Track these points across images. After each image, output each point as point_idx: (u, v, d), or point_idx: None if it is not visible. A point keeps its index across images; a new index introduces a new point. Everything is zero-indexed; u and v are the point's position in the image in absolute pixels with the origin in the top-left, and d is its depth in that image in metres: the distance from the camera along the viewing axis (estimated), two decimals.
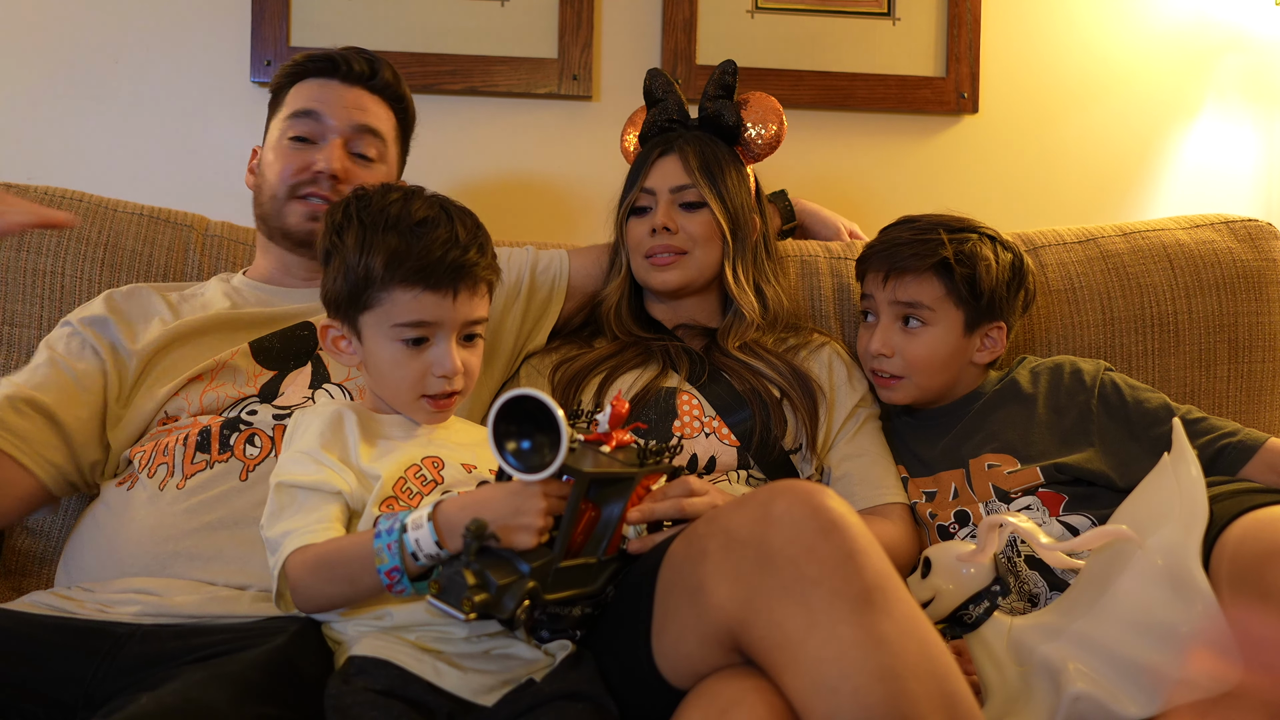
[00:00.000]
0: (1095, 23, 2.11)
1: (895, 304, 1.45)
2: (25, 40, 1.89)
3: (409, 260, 1.13)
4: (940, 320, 1.45)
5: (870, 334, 1.48)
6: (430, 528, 1.00)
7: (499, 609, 0.95)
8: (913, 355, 1.45)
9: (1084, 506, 1.37)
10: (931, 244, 1.43)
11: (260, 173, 1.47)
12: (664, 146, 1.53)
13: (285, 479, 1.12)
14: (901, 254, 1.44)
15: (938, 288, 1.44)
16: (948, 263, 1.42)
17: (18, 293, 1.53)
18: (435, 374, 1.17)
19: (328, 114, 1.43)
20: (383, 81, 1.48)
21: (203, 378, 1.35)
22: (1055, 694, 1.06)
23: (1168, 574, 1.05)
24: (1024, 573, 1.33)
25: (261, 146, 1.49)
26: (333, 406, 1.19)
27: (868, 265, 1.50)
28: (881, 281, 1.46)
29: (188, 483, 1.25)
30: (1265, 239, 1.77)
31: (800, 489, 0.97)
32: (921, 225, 1.47)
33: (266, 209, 1.45)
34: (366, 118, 1.45)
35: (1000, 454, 1.43)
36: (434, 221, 1.16)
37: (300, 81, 1.46)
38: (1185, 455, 1.13)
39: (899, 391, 1.47)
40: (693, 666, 1.00)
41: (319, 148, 1.42)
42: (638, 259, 1.53)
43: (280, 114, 1.46)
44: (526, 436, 0.98)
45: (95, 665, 1.07)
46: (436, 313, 1.15)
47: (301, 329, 1.40)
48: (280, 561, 1.07)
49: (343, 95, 1.44)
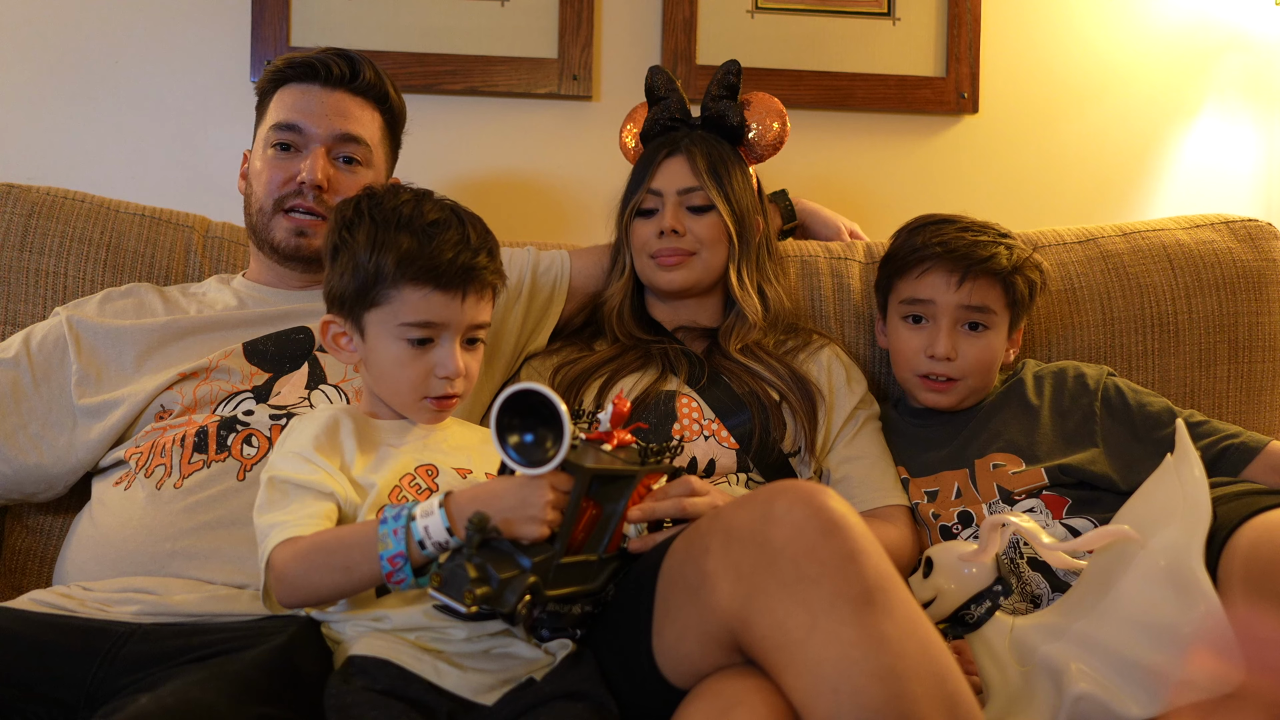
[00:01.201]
0: (1095, 23, 2.11)
1: (965, 307, 1.44)
2: (25, 40, 1.89)
3: (421, 260, 1.13)
4: (998, 324, 1.46)
5: (923, 337, 1.47)
6: (442, 514, 1.00)
7: (500, 603, 0.95)
8: (975, 358, 1.45)
9: (1087, 510, 1.37)
10: (1000, 248, 1.44)
11: (249, 181, 1.47)
12: (670, 147, 1.52)
13: (277, 474, 1.12)
14: (978, 255, 1.43)
15: (1001, 293, 1.45)
16: (1019, 267, 1.45)
17: (20, 293, 1.53)
18: (438, 375, 1.17)
19: (309, 123, 1.42)
20: (365, 83, 1.46)
21: (196, 375, 1.35)
22: (1057, 694, 1.06)
23: (1170, 575, 1.05)
24: (1026, 574, 1.33)
25: (250, 152, 1.49)
26: (329, 411, 1.19)
27: (928, 263, 1.45)
28: (955, 284, 1.44)
29: (185, 482, 1.25)
30: (1265, 239, 1.77)
31: (801, 489, 0.97)
32: (974, 227, 1.47)
33: (255, 220, 1.45)
34: (348, 124, 1.44)
35: (1006, 453, 1.43)
36: (445, 223, 1.17)
37: (282, 87, 1.45)
38: (1188, 456, 1.13)
39: (952, 395, 1.47)
40: (693, 666, 1.00)
41: (303, 156, 1.42)
42: (643, 259, 1.53)
43: (265, 122, 1.46)
44: (529, 430, 0.98)
45: (96, 665, 1.07)
46: (444, 314, 1.15)
47: (297, 333, 1.41)
48: (266, 551, 1.06)
49: (324, 101, 1.43)
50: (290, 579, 1.05)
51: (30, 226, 1.55)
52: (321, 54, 1.45)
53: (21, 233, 1.54)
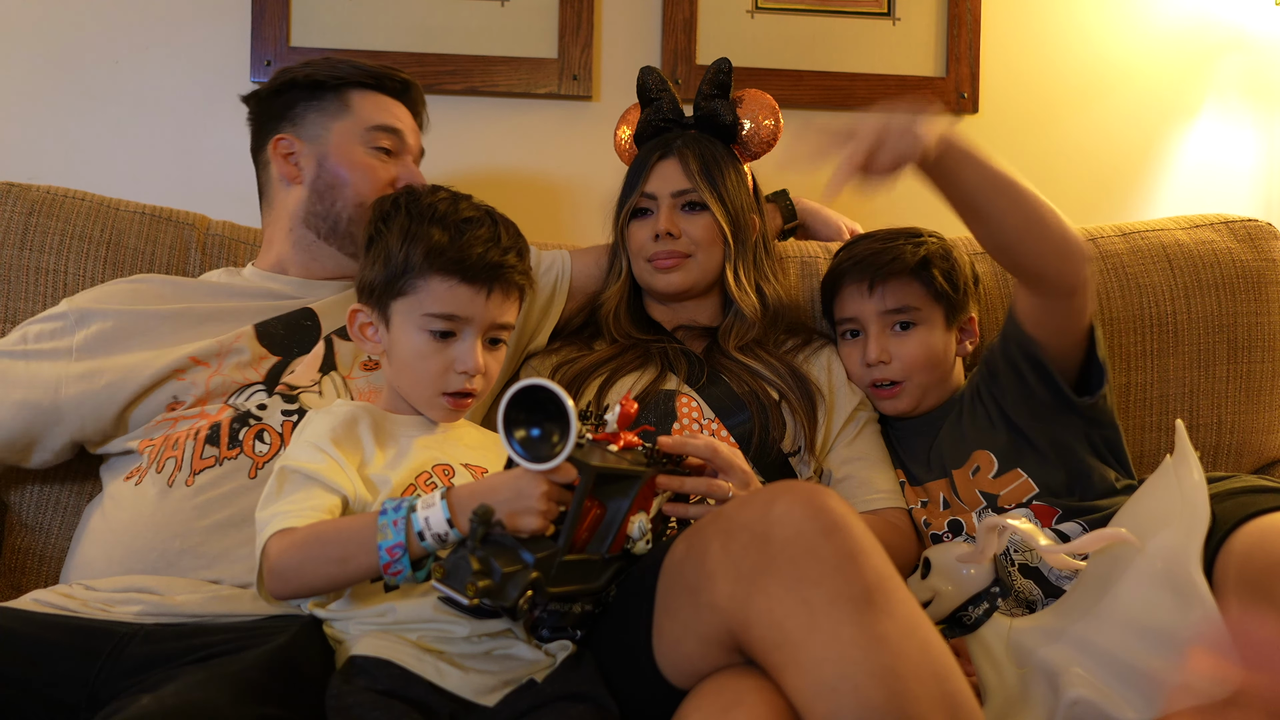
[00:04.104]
0: (1095, 23, 2.11)
1: (885, 312, 1.47)
2: (25, 40, 1.89)
3: (450, 252, 1.16)
4: (927, 319, 1.47)
5: (860, 348, 1.49)
6: (443, 506, 1.00)
7: (502, 596, 0.95)
8: (909, 356, 1.46)
9: (1077, 517, 1.37)
10: (905, 248, 1.47)
11: (330, 172, 1.45)
12: (663, 150, 1.52)
13: (289, 463, 1.12)
14: (881, 260, 1.47)
15: (919, 288, 1.47)
16: (928, 261, 1.46)
17: (20, 291, 1.53)
18: (457, 370, 1.18)
19: (408, 135, 1.49)
20: (419, 109, 1.57)
21: (208, 363, 1.34)
22: (1054, 697, 1.06)
23: (1168, 578, 1.05)
24: (1018, 582, 1.33)
25: (299, 138, 1.46)
26: (346, 408, 1.20)
27: (843, 280, 1.51)
28: (867, 292, 1.48)
29: (196, 479, 1.26)
30: (1265, 239, 1.77)
31: (801, 489, 0.97)
32: (883, 236, 1.52)
33: (344, 212, 1.44)
34: (419, 139, 1.55)
35: (978, 452, 1.43)
36: (479, 221, 1.20)
37: (371, 92, 1.48)
38: (1187, 458, 1.13)
39: (902, 399, 1.48)
40: (693, 666, 1.00)
41: (398, 162, 1.47)
42: (639, 262, 1.53)
43: (349, 119, 1.46)
44: (536, 426, 0.99)
45: (98, 666, 1.07)
46: (468, 308, 1.17)
47: (305, 317, 1.41)
48: (263, 541, 1.06)
49: (408, 119, 1.52)
50: (283, 570, 1.05)
51: (30, 224, 1.55)
52: (406, 78, 1.53)
53: (21, 231, 1.54)
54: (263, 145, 1.49)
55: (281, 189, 1.48)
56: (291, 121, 1.47)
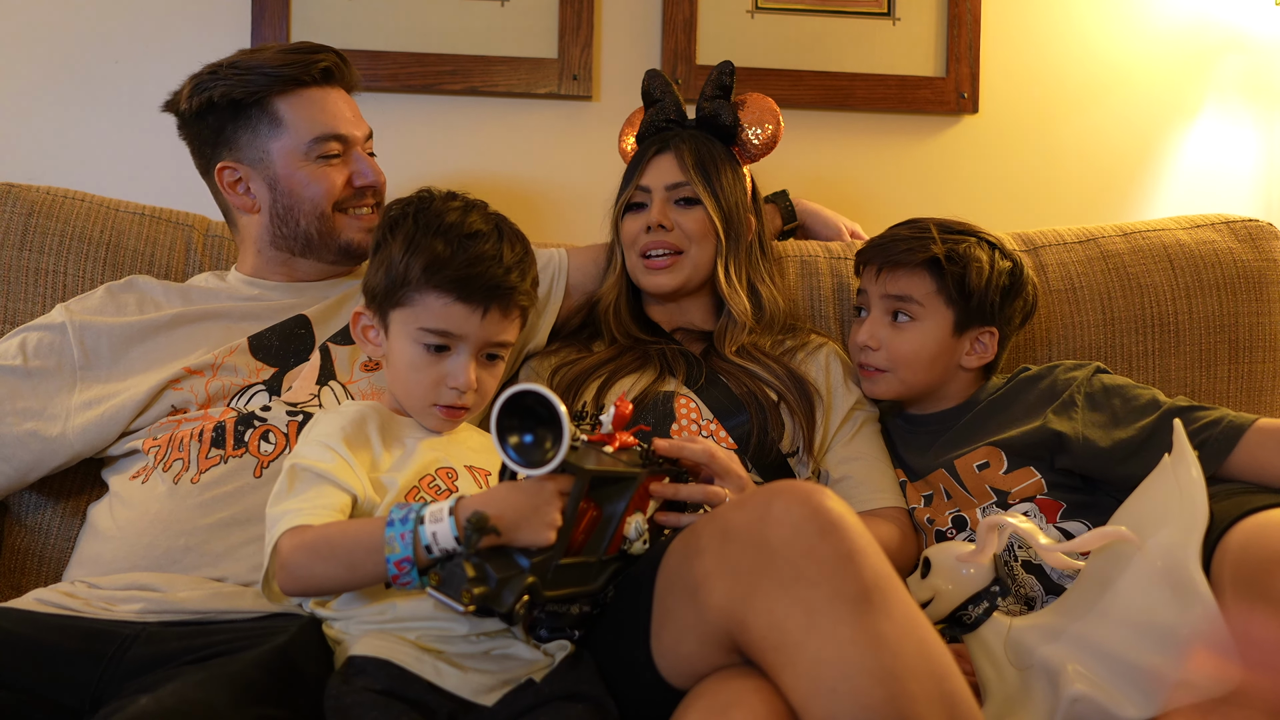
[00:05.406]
0: (1095, 23, 2.10)
1: (886, 297, 1.46)
2: (25, 40, 1.89)
3: (448, 268, 1.15)
4: (929, 317, 1.45)
5: (860, 327, 1.50)
6: (451, 521, 0.99)
7: (498, 602, 0.95)
8: (898, 350, 1.45)
9: (1082, 514, 1.36)
10: (925, 240, 1.44)
11: (285, 194, 1.41)
12: (659, 145, 1.53)
13: (299, 461, 1.12)
14: (896, 248, 1.46)
15: (928, 284, 1.44)
16: (938, 260, 1.43)
17: (19, 291, 1.53)
18: (449, 385, 1.18)
19: (348, 128, 1.42)
20: (350, 84, 1.48)
21: (203, 373, 1.35)
22: (1054, 695, 1.06)
23: (1167, 576, 1.05)
24: (1021, 576, 1.33)
25: (242, 163, 1.41)
26: (355, 407, 1.20)
27: (863, 259, 1.51)
28: (875, 274, 1.48)
29: (202, 477, 1.27)
30: (1265, 239, 1.77)
31: (799, 489, 0.97)
32: (920, 224, 1.49)
33: (310, 227, 1.41)
34: (362, 122, 1.47)
35: (988, 449, 1.41)
36: (484, 237, 1.18)
37: (294, 92, 1.40)
38: (1185, 456, 1.13)
39: (880, 385, 1.47)
40: (692, 666, 1.00)
41: (348, 159, 1.43)
42: (633, 257, 1.53)
43: (286, 137, 1.39)
44: (529, 431, 0.99)
45: (101, 668, 1.07)
46: (462, 326, 1.16)
47: (299, 326, 1.41)
48: (274, 538, 1.06)
49: (343, 107, 1.44)
50: (294, 568, 1.05)
51: (30, 225, 1.55)
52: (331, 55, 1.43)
53: (21, 232, 1.55)
54: (208, 171, 1.45)
55: (242, 217, 1.46)
56: (228, 146, 1.41)
